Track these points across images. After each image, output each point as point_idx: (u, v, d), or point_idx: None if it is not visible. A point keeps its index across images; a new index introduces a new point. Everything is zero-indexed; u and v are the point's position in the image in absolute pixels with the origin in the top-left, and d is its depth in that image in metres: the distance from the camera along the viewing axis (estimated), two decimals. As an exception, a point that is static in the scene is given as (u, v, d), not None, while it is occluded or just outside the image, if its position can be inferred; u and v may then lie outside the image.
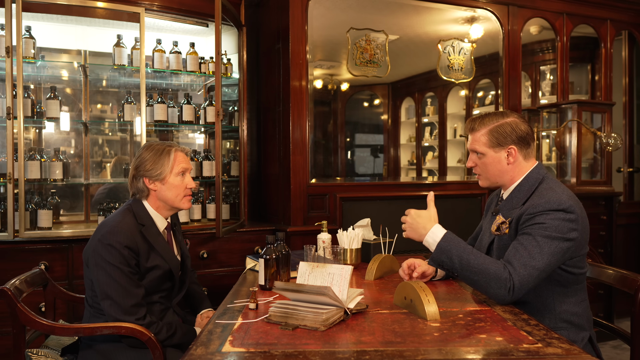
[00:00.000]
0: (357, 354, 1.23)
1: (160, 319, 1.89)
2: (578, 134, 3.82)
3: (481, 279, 1.60)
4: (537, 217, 1.65)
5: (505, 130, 1.78)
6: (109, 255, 1.74)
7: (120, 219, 1.84)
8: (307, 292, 1.45)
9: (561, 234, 1.62)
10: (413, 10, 3.53)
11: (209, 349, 1.27)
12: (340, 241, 2.29)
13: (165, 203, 1.96)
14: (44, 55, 3.04)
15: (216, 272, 3.06)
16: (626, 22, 4.21)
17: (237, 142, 3.47)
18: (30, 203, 2.81)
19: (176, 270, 1.96)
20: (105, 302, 1.74)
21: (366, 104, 3.70)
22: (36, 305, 2.53)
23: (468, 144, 1.88)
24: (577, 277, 1.73)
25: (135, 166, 1.94)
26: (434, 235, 1.68)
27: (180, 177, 1.95)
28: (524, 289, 1.58)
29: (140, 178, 1.93)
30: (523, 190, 1.79)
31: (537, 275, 1.59)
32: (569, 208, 1.64)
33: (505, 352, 1.23)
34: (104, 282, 1.74)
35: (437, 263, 1.68)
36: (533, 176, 1.80)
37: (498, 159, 1.80)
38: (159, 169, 1.91)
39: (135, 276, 1.79)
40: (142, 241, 1.84)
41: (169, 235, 2.02)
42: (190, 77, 3.40)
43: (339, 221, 3.20)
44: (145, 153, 1.94)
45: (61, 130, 3.19)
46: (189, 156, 2.04)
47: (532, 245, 1.61)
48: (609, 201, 3.80)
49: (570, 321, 1.72)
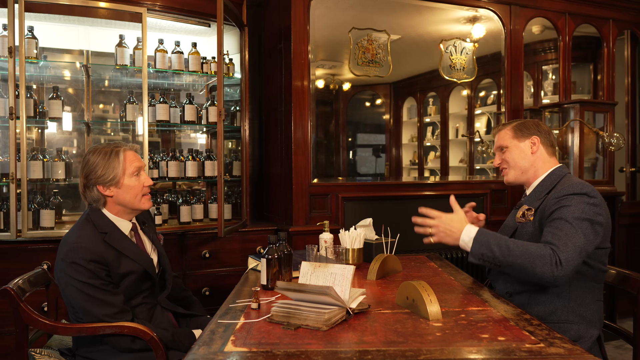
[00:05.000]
0: (359, 354, 1.23)
1: (149, 318, 1.85)
2: (580, 133, 3.82)
3: (525, 261, 1.60)
4: (563, 200, 1.70)
5: (529, 124, 1.94)
6: (76, 273, 1.68)
7: (79, 232, 1.76)
8: (309, 292, 1.45)
9: (589, 216, 1.66)
10: (415, 10, 3.52)
11: (212, 348, 1.27)
12: (342, 241, 2.29)
13: (125, 206, 1.86)
14: (46, 56, 3.04)
15: (218, 271, 3.06)
16: (628, 21, 4.20)
17: (239, 142, 3.47)
18: (32, 203, 2.81)
19: (152, 269, 1.89)
20: (87, 317, 1.70)
21: (368, 104, 3.69)
22: (38, 305, 2.54)
23: (495, 143, 2.00)
24: (596, 274, 1.75)
25: (85, 174, 1.82)
26: (469, 232, 1.71)
27: (135, 177, 1.86)
28: (570, 265, 1.58)
29: (93, 187, 1.81)
30: (546, 184, 1.86)
31: (579, 253, 1.60)
32: (591, 192, 1.70)
33: (508, 352, 1.22)
34: (80, 299, 1.69)
35: (477, 258, 1.70)
36: (556, 173, 1.88)
37: (522, 149, 1.91)
38: (112, 173, 1.80)
39: (109, 286, 1.73)
40: (107, 250, 1.77)
41: (137, 236, 1.94)
42: (192, 77, 3.40)
43: (340, 221, 3.20)
44: (93, 158, 1.82)
45: (63, 130, 3.20)
46: (139, 153, 1.93)
47: (566, 226, 1.64)
48: (612, 201, 3.78)
49: (582, 315, 1.73)
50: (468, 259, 1.76)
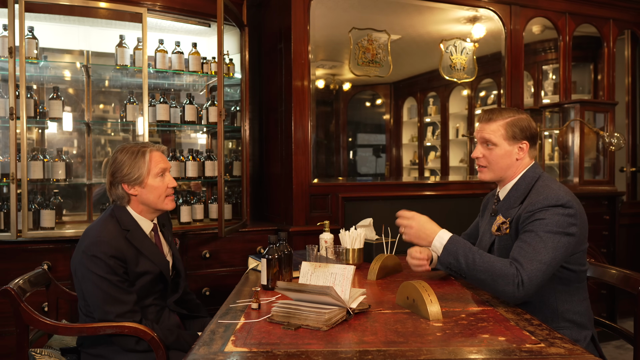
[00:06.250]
0: (360, 354, 1.23)
1: (157, 320, 1.87)
2: (581, 133, 3.82)
3: (488, 278, 1.58)
4: (537, 213, 1.66)
5: (522, 125, 1.81)
6: (94, 266, 1.70)
7: (102, 227, 1.78)
8: (309, 292, 1.45)
9: (562, 229, 1.62)
10: (415, 9, 3.52)
11: (212, 348, 1.27)
12: (342, 241, 2.29)
13: (148, 206, 1.89)
14: (46, 56, 3.04)
15: (218, 272, 3.06)
16: (629, 21, 4.19)
17: (240, 142, 3.47)
18: (33, 203, 2.81)
19: (167, 271, 1.91)
20: (97, 313, 1.71)
21: (368, 104, 3.69)
22: (39, 305, 2.54)
23: (480, 133, 1.86)
24: (578, 275, 1.73)
25: (112, 172, 1.85)
26: (441, 239, 1.68)
27: (160, 177, 1.88)
28: (533, 284, 1.56)
29: (118, 184, 1.85)
30: (520, 188, 1.81)
31: (545, 270, 1.58)
32: (567, 203, 1.66)
33: (508, 352, 1.22)
34: (94, 294, 1.71)
35: (444, 266, 1.68)
36: (529, 174, 1.82)
37: (509, 152, 1.82)
38: (137, 173, 1.83)
39: (124, 284, 1.75)
40: (128, 247, 1.79)
41: (157, 237, 1.96)
42: (193, 77, 3.40)
43: (341, 221, 3.20)
44: (120, 156, 1.85)
45: (64, 131, 3.20)
46: (166, 154, 1.97)
47: (536, 240, 1.61)
48: (612, 201, 3.78)
49: (572, 320, 1.72)
50: (436, 265, 1.74)
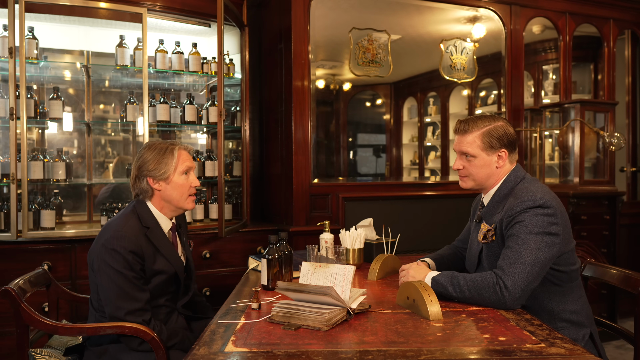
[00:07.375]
0: (360, 354, 1.23)
1: (165, 321, 1.88)
2: (581, 133, 3.81)
3: (475, 295, 1.62)
4: (517, 216, 1.68)
5: (499, 133, 1.81)
6: (112, 260, 1.71)
7: (124, 222, 1.81)
8: (309, 292, 1.45)
9: (542, 229, 1.64)
10: (415, 10, 3.52)
11: (212, 348, 1.27)
12: (342, 241, 2.29)
13: (170, 203, 1.92)
14: (46, 56, 3.05)
15: (219, 272, 3.06)
16: (629, 21, 4.19)
17: (240, 142, 3.47)
18: (33, 203, 2.82)
19: (181, 272, 1.93)
20: (108, 307, 1.72)
21: (368, 104, 3.69)
22: (39, 305, 2.54)
23: (458, 146, 1.88)
24: (570, 275, 1.74)
25: (138, 166, 1.90)
26: (430, 275, 1.74)
27: (185, 176, 1.92)
28: (518, 286, 1.57)
29: (143, 178, 1.88)
30: (502, 193, 1.82)
31: (529, 271, 1.59)
32: (545, 203, 1.66)
33: (508, 352, 1.22)
34: (107, 287, 1.72)
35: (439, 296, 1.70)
36: (511, 179, 1.83)
37: (489, 162, 1.83)
38: (163, 168, 1.88)
39: (140, 281, 1.76)
40: (147, 244, 1.82)
41: (174, 237, 1.99)
42: (193, 77, 3.40)
43: (341, 221, 3.20)
44: (148, 152, 1.89)
45: (64, 131, 3.20)
46: (191, 154, 2.01)
47: (518, 244, 1.63)
48: (612, 201, 3.78)
49: (569, 320, 1.72)
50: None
